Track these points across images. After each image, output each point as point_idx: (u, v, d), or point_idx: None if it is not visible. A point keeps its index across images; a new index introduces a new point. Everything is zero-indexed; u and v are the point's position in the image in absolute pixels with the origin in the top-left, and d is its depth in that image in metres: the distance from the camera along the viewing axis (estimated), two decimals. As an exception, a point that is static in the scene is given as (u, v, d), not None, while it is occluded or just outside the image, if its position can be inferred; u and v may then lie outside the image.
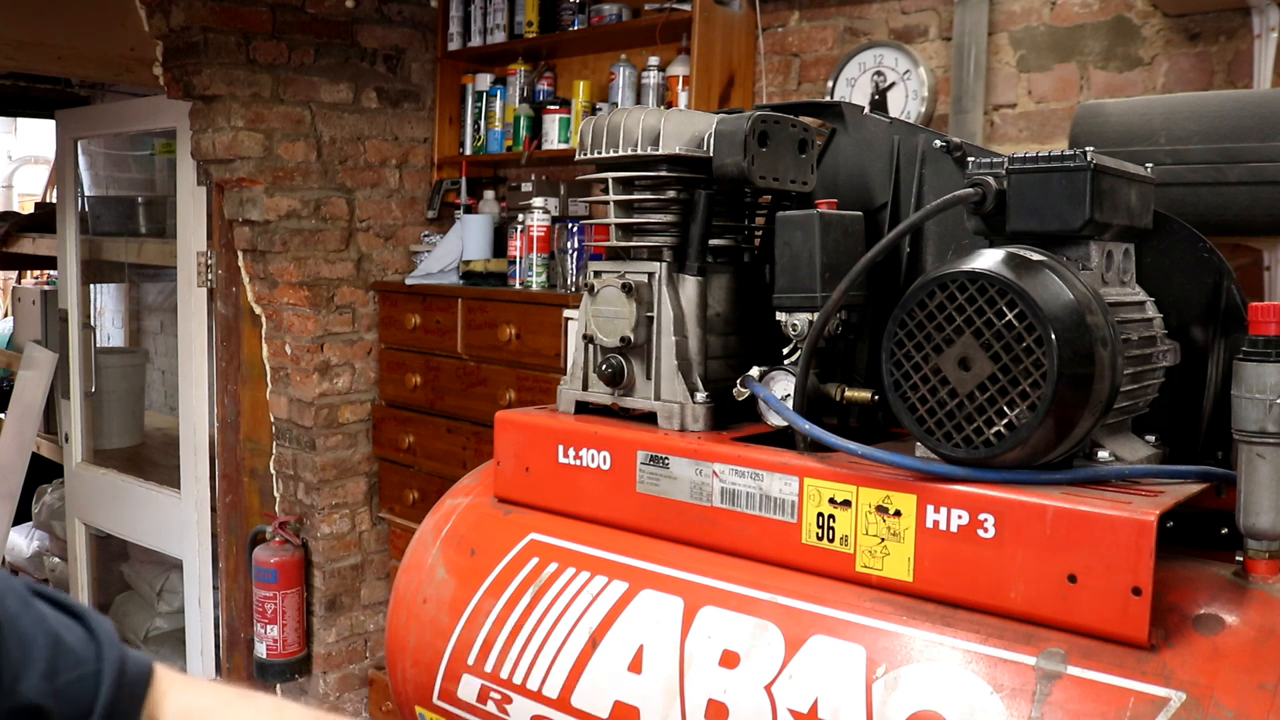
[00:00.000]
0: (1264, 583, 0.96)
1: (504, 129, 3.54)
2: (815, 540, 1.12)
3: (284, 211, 3.36)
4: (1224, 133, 1.35)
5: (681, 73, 3.06)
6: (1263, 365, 0.96)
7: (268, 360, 3.62)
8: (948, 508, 1.03)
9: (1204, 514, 1.12)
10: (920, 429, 1.06)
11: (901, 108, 2.71)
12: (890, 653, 1.03)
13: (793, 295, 1.26)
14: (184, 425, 3.83)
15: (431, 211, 3.70)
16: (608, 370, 1.34)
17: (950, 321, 1.03)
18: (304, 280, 3.43)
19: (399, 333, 3.45)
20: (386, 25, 3.56)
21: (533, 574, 1.31)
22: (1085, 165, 1.05)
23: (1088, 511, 0.95)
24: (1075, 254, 1.10)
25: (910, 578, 1.06)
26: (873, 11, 2.87)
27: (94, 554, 4.41)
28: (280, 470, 3.66)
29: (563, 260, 3.10)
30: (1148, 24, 2.45)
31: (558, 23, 3.37)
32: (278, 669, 3.54)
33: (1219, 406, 1.17)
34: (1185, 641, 0.93)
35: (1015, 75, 2.66)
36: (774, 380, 1.28)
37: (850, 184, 1.45)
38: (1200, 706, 0.88)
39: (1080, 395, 1.00)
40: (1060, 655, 0.95)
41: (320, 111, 3.41)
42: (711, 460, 1.21)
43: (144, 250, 4.41)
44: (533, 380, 2.98)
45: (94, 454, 4.45)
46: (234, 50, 3.20)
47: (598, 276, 1.37)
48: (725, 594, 1.16)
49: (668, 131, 1.32)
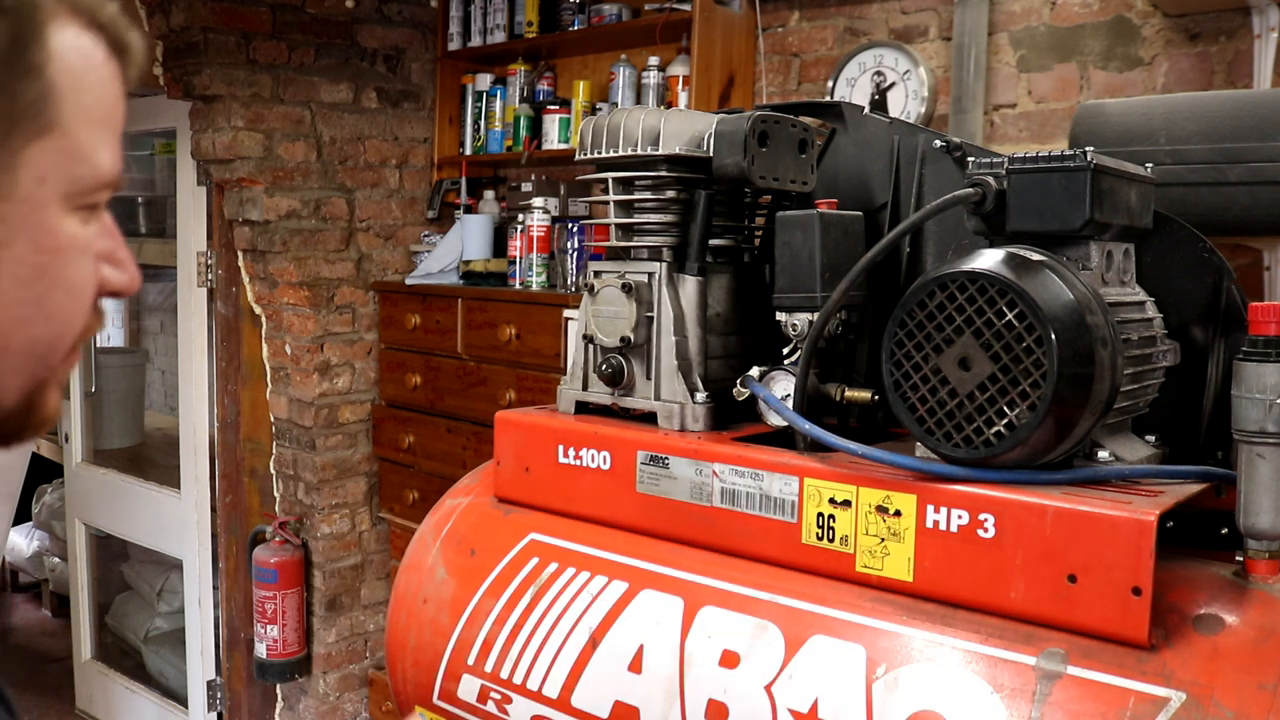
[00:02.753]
0: (1264, 583, 0.96)
1: (504, 129, 3.54)
2: (815, 540, 1.12)
3: (284, 211, 3.36)
4: (1224, 133, 1.35)
5: (681, 73, 3.06)
6: (1263, 365, 0.96)
7: (268, 360, 3.62)
8: (948, 508, 1.03)
9: (1204, 514, 1.12)
10: (920, 429, 1.06)
11: (901, 108, 2.71)
12: (890, 653, 1.03)
13: (793, 295, 1.26)
14: (184, 425, 3.83)
15: (431, 211, 3.70)
16: (608, 370, 1.34)
17: (950, 321, 1.03)
18: (304, 280, 3.43)
19: (399, 333, 3.45)
20: (386, 25, 3.56)
21: (533, 574, 1.31)
22: (1085, 165, 1.05)
23: (1088, 511, 0.95)
24: (1075, 254, 1.10)
25: (910, 578, 1.06)
26: (873, 11, 2.87)
27: (94, 554, 4.41)
28: (280, 470, 3.66)
29: (563, 260, 3.10)
30: (1148, 24, 2.45)
31: (558, 23, 3.37)
32: (278, 669, 3.54)
33: (1219, 406, 1.17)
34: (1185, 641, 0.93)
35: (1015, 75, 2.66)
36: (774, 380, 1.28)
37: (850, 184, 1.45)
38: (1200, 706, 0.88)
39: (1080, 395, 1.00)
40: (1060, 655, 0.95)
41: (320, 111, 3.41)
42: (711, 460, 1.21)
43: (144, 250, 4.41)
44: (533, 380, 2.98)
45: (94, 454, 4.45)
46: (234, 50, 3.20)
47: (598, 276, 1.37)
48: (725, 594, 1.16)
49: (668, 131, 1.32)
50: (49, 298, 0.62)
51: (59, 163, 0.61)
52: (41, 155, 0.60)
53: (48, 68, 0.60)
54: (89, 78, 0.62)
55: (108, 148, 0.64)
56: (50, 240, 0.61)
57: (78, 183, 0.62)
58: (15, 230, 0.60)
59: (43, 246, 0.61)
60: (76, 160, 0.62)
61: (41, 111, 0.60)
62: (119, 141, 0.67)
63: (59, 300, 0.63)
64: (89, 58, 0.62)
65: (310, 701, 3.65)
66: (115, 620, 4.47)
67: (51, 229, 0.62)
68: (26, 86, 0.59)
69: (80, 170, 0.62)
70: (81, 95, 0.62)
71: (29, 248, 0.61)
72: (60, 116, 0.61)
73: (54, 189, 0.61)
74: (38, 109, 0.60)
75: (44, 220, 0.61)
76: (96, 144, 0.63)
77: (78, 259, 0.63)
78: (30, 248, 0.61)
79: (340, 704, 3.66)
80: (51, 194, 0.61)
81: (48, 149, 0.60)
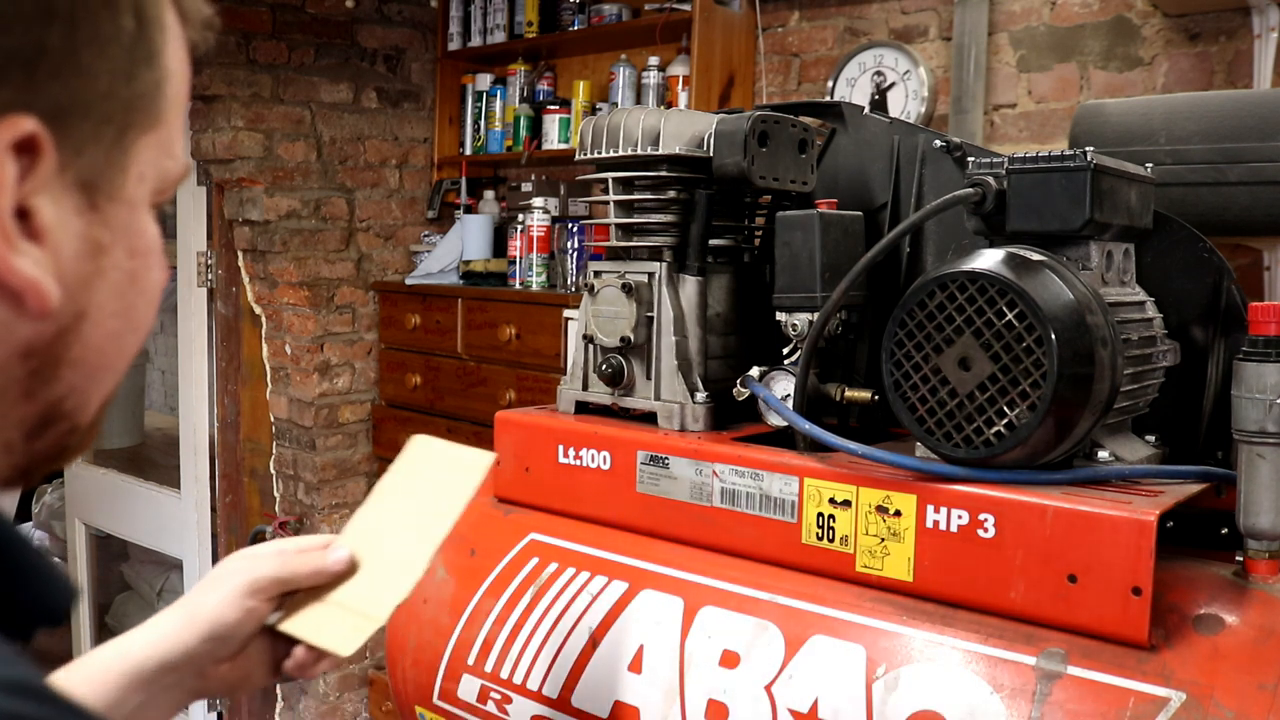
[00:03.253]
0: (1264, 583, 0.96)
1: (504, 129, 3.54)
2: (815, 540, 1.12)
3: (284, 211, 3.36)
4: (1224, 133, 1.35)
5: (681, 73, 3.07)
6: (1263, 365, 0.96)
7: (268, 360, 3.62)
8: (948, 508, 1.03)
9: (1204, 514, 1.12)
10: (920, 429, 1.06)
11: (901, 108, 2.72)
12: (890, 653, 1.03)
13: (793, 295, 1.26)
14: (184, 425, 3.83)
15: (431, 211, 3.70)
16: (608, 370, 1.34)
17: (950, 321, 1.03)
18: (304, 280, 3.43)
19: (399, 333, 3.45)
20: (386, 25, 3.56)
21: (533, 574, 1.31)
22: (1085, 165, 1.05)
23: (1088, 511, 0.95)
24: (1075, 254, 1.10)
25: (910, 578, 1.06)
26: (873, 11, 2.87)
27: (94, 554, 4.41)
28: (280, 470, 3.66)
29: (563, 260, 3.10)
30: (1148, 24, 2.45)
31: (558, 23, 3.38)
32: (278, 669, 3.53)
33: (1219, 406, 1.17)
34: (1185, 641, 0.93)
35: (1015, 75, 2.66)
36: (774, 380, 1.28)
37: (850, 184, 1.45)
38: (1200, 706, 0.88)
39: (1080, 395, 1.00)
40: (1060, 655, 0.95)
41: (320, 111, 3.42)
42: (711, 460, 1.21)
43: (144, 250, 4.40)
44: (533, 380, 2.98)
45: (94, 454, 4.45)
46: (234, 50, 3.20)
47: (598, 276, 1.37)
48: (725, 594, 1.16)
49: (668, 131, 1.32)
50: (136, 306, 0.57)
51: (156, 159, 0.56)
52: (146, 151, 0.55)
53: (164, 52, 0.55)
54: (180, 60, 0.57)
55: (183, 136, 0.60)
56: (141, 243, 0.57)
57: (165, 179, 0.57)
58: (117, 235, 0.55)
59: (135, 250, 0.56)
60: (167, 154, 0.57)
61: (155, 102, 0.55)
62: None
63: (143, 308, 0.58)
64: (179, 40, 0.57)
65: (310, 701, 3.65)
66: (115, 620, 4.47)
67: (142, 231, 0.57)
68: (147, 73, 0.53)
69: (169, 165, 0.57)
70: (177, 82, 0.57)
71: (125, 253, 0.55)
72: (165, 108, 0.56)
73: (150, 187, 0.56)
74: (153, 99, 0.54)
75: (137, 222, 0.56)
76: (180, 134, 0.59)
77: (157, 261, 0.58)
78: (126, 253, 0.55)
79: (340, 704, 3.66)
80: (147, 192, 0.56)
81: (152, 144, 0.55)
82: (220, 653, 0.91)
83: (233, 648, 0.91)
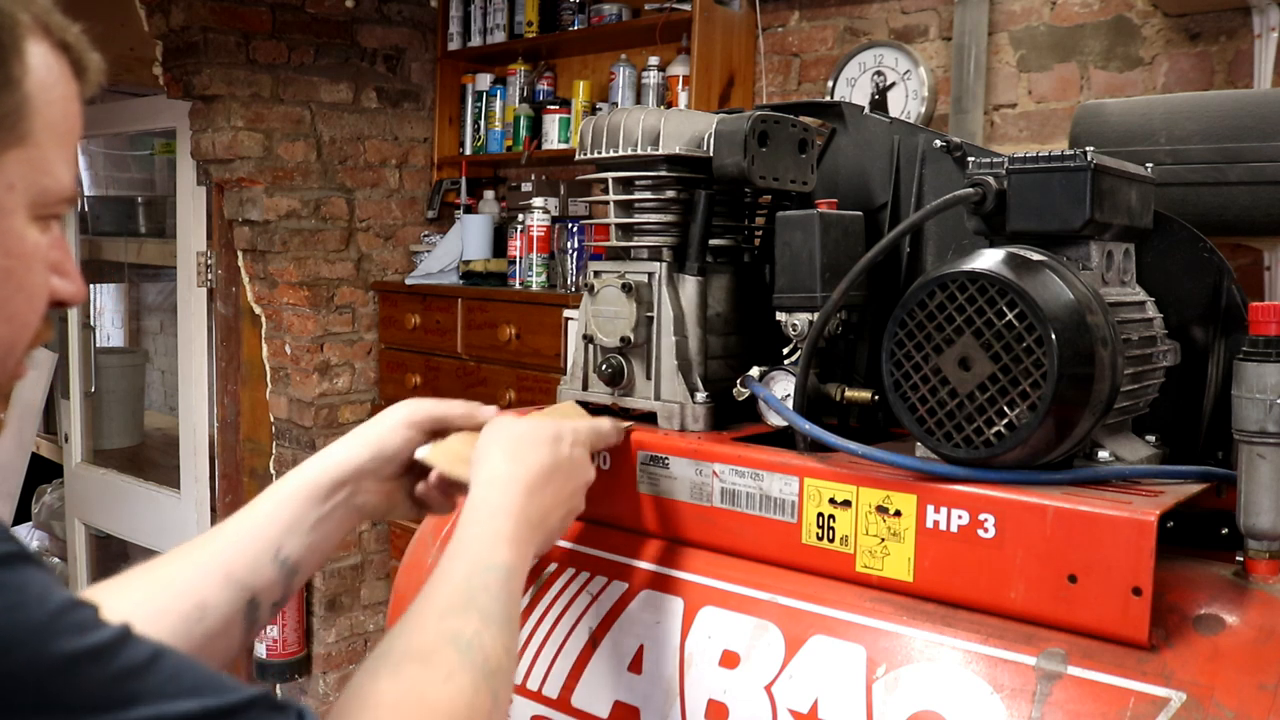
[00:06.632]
0: (1264, 583, 0.96)
1: (504, 129, 3.54)
2: (815, 540, 1.12)
3: (284, 211, 3.36)
4: (1224, 133, 1.35)
5: (681, 73, 3.07)
6: (1263, 365, 0.96)
7: (268, 360, 3.62)
8: (948, 508, 1.03)
9: (1204, 514, 1.12)
10: (920, 429, 1.06)
11: (901, 108, 2.72)
12: (890, 653, 1.03)
13: (793, 295, 1.26)
14: (184, 425, 3.83)
15: (431, 211, 3.70)
16: (608, 370, 1.34)
17: (950, 321, 1.03)
18: (304, 280, 3.43)
19: (399, 333, 3.45)
20: (386, 25, 3.56)
21: (532, 574, 1.31)
22: (1085, 165, 1.05)
23: (1088, 511, 0.95)
24: (1075, 254, 1.10)
25: (910, 578, 1.06)
26: (873, 11, 2.87)
27: (94, 554, 4.42)
28: (280, 470, 3.66)
29: (563, 260, 3.10)
30: (1148, 24, 2.46)
31: (558, 23, 3.38)
32: (277, 669, 3.54)
33: (1219, 406, 1.17)
34: (1185, 641, 0.93)
35: (1015, 75, 2.66)
36: (774, 380, 1.28)
37: (850, 184, 1.45)
38: (1200, 706, 0.88)
39: (1080, 395, 1.00)
40: (1060, 655, 0.95)
41: (320, 111, 3.42)
42: (711, 460, 1.21)
43: (144, 250, 4.41)
44: (533, 380, 2.98)
45: (94, 454, 4.45)
46: (234, 50, 3.20)
47: (598, 276, 1.36)
48: (725, 594, 1.16)
49: (668, 131, 1.32)
50: (11, 301, 0.65)
51: (27, 174, 0.64)
52: (14, 165, 0.63)
53: (25, 81, 0.63)
54: (56, 94, 0.66)
55: (67, 163, 0.68)
56: (16, 245, 0.65)
57: (42, 194, 0.66)
58: None
59: (9, 251, 0.64)
60: (42, 172, 0.65)
61: (17, 123, 0.63)
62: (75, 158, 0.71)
63: (20, 304, 0.66)
64: (57, 75, 0.67)
65: (310, 702, 3.65)
66: (115, 620, 4.47)
67: (19, 234, 0.65)
68: (5, 98, 0.62)
69: (45, 182, 0.66)
70: (50, 110, 0.66)
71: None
72: (32, 129, 0.64)
73: (21, 198, 0.64)
74: (14, 120, 0.63)
75: (11, 226, 0.64)
76: (59, 159, 0.67)
77: (38, 266, 0.67)
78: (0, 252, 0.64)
79: (340, 704, 3.66)
80: (19, 202, 0.64)
81: (19, 159, 0.64)
82: (383, 471, 1.07)
83: (393, 468, 1.08)
